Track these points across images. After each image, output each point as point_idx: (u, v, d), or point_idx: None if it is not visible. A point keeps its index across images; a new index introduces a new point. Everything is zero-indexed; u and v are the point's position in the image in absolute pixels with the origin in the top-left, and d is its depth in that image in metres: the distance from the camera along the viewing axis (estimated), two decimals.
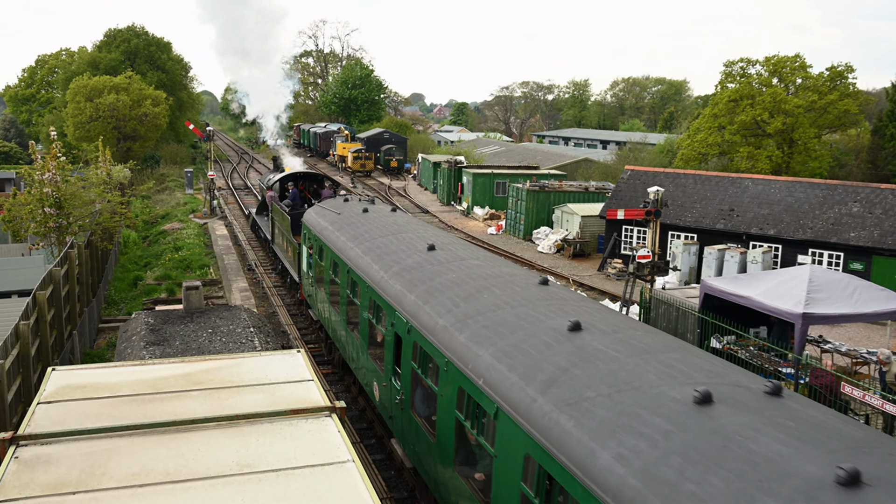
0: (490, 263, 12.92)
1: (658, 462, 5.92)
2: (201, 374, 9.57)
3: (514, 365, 8.50)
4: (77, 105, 65.26)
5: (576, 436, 6.83)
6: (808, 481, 5.21)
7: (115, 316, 26.04)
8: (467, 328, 9.95)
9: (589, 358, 8.01)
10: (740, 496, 5.24)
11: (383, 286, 13.26)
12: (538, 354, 8.46)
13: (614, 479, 6.10)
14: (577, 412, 7.08)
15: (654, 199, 23.68)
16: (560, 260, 37.69)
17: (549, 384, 7.76)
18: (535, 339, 8.86)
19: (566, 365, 7.98)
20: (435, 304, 11.21)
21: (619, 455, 6.24)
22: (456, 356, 9.71)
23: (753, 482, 5.34)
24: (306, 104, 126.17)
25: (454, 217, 49.90)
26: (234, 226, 43.06)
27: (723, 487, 5.39)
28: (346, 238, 16.87)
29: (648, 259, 23.24)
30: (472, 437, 9.44)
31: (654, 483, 5.75)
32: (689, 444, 5.98)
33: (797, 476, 5.31)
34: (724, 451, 5.79)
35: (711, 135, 50.77)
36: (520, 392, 8.00)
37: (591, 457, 6.49)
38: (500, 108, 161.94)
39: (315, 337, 23.10)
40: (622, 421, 6.62)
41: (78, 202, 25.22)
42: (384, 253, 14.60)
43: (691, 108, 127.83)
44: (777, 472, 5.40)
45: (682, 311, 19.47)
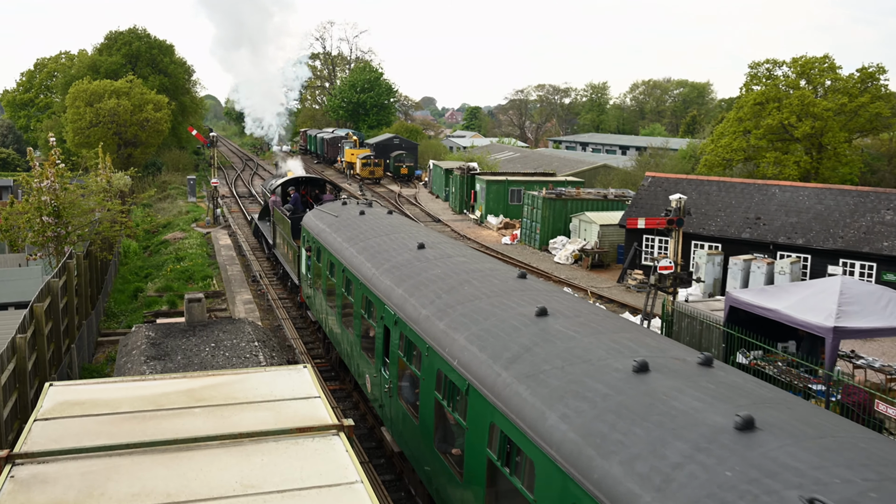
0: (474, 260, 14.33)
1: (594, 419, 7.29)
2: (204, 390, 9.58)
3: (484, 346, 9.85)
4: (77, 110, 65.81)
5: (530, 402, 8.19)
6: (712, 428, 6.54)
7: (114, 329, 26.15)
8: (447, 316, 11.28)
9: (550, 338, 9.36)
10: (656, 441, 6.60)
11: (374, 282, 14.65)
12: (506, 336, 9.79)
13: (558, 434, 7.47)
14: (533, 382, 8.44)
15: (676, 207, 23.61)
16: (578, 271, 37.61)
17: (512, 361, 9.14)
18: (505, 324, 10.19)
19: (529, 344, 9.33)
20: (420, 296, 12.55)
21: (564, 415, 7.60)
22: (435, 342, 11.04)
23: (668, 430, 6.68)
24: (313, 108, 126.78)
25: (467, 226, 49.92)
26: (237, 235, 43.23)
27: (643, 435, 6.75)
28: (342, 239, 18.28)
29: (670, 270, 23.15)
30: (450, 417, 10.72)
31: (589, 435, 7.13)
32: (622, 403, 7.35)
33: (704, 424, 6.63)
34: (650, 407, 7.13)
35: (736, 139, 50.62)
36: (487, 369, 9.38)
37: (541, 418, 7.86)
38: (515, 112, 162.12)
39: (322, 352, 23.13)
40: (570, 388, 7.96)
41: (77, 211, 25.39)
42: (377, 252, 15.97)
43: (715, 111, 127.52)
44: (689, 421, 6.73)
45: (707, 325, 19.37)
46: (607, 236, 39.25)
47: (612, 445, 6.86)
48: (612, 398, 7.50)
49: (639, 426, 6.93)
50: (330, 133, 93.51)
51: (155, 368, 17.18)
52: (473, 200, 53.90)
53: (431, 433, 11.48)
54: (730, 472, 5.93)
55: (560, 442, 7.42)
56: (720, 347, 18.49)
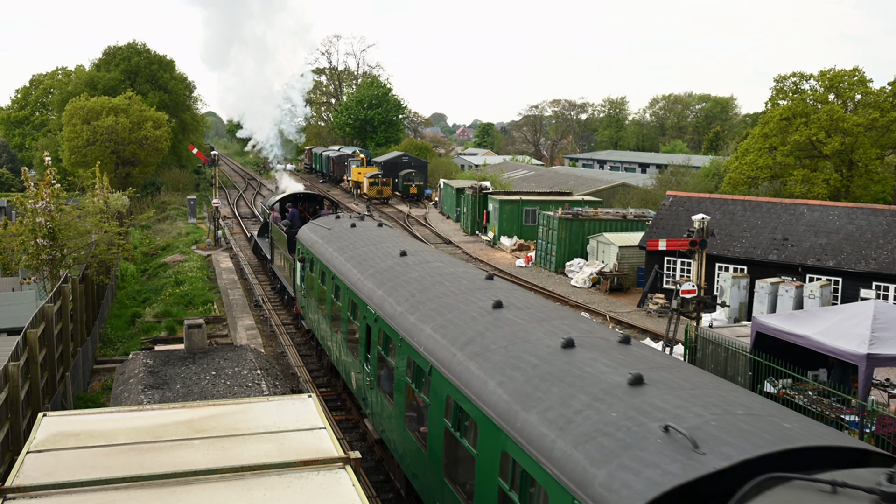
0: (449, 265, 16.70)
1: (524, 384, 9.52)
2: (204, 420, 9.59)
3: (445, 334, 12.06)
4: (73, 128, 66.41)
5: (476, 374, 10.45)
6: (611, 384, 8.76)
7: (111, 356, 26.22)
8: (417, 311, 13.54)
9: (500, 325, 11.62)
10: (565, 396, 8.83)
11: (359, 286, 16.91)
12: (464, 325, 12.05)
13: (495, 397, 9.72)
14: (480, 359, 10.72)
15: (699, 228, 23.57)
16: (596, 295, 37.53)
17: (466, 344, 11.38)
18: (465, 315, 12.49)
19: (482, 330, 11.62)
20: (397, 296, 14.82)
21: (501, 382, 9.87)
22: (407, 333, 13.25)
23: (577, 388, 8.93)
24: (319, 126, 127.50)
25: (479, 248, 49.94)
26: (239, 258, 43.38)
27: (557, 392, 8.99)
28: (333, 249, 20.66)
29: (693, 294, 23.07)
30: (418, 398, 12.80)
31: (517, 396, 9.35)
32: (547, 371, 9.57)
33: (605, 382, 8.84)
34: (567, 373, 9.36)
35: (762, 156, 50.57)
36: (446, 351, 11.59)
37: (483, 386, 10.10)
38: (529, 128, 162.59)
39: (328, 380, 23.12)
40: (508, 361, 10.23)
41: (73, 233, 25.54)
42: (363, 259, 18.30)
43: (739, 127, 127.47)
44: (595, 381, 8.95)
45: (732, 352, 19.27)
46: (627, 258, 39.17)
47: (533, 402, 9.06)
48: (540, 367, 9.76)
49: (555, 386, 9.15)
50: (336, 151, 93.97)
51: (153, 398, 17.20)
52: (486, 221, 53.95)
53: (403, 416, 13.56)
54: (615, 414, 8.10)
55: (496, 403, 9.65)
56: (747, 375, 18.38)
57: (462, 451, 10.94)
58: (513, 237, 50.02)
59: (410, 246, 19.15)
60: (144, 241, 49.69)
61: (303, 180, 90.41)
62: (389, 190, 72.89)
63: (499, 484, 9.46)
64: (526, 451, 8.62)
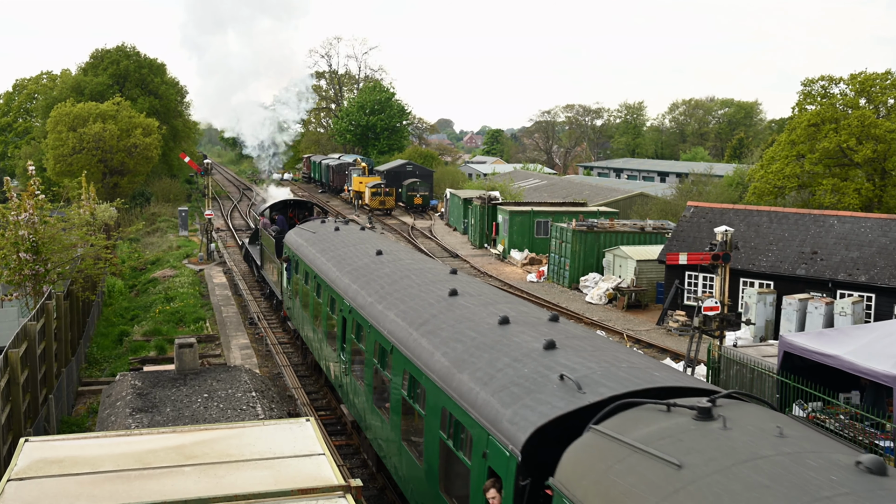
0: (419, 262, 19.59)
1: (462, 352, 12.06)
2: (196, 446, 9.59)
3: (406, 317, 14.61)
4: (58, 135, 66.71)
5: (426, 348, 12.96)
6: (530, 349, 11.32)
7: (97, 377, 26.24)
8: (384, 301, 16.14)
9: (452, 309, 14.23)
10: (492, 359, 11.34)
11: (337, 283, 19.53)
12: (423, 310, 14.58)
13: (439, 365, 12.22)
14: (432, 336, 13.20)
15: (722, 241, 23.55)
16: (612, 312, 37.48)
17: (421, 325, 13.89)
18: (425, 302, 15.01)
19: (436, 313, 14.13)
20: (369, 289, 17.40)
21: (445, 353, 12.40)
22: (375, 320, 15.80)
23: (502, 353, 11.45)
24: (318, 132, 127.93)
25: (488, 262, 49.95)
26: (234, 272, 43.45)
27: (487, 357, 11.52)
28: (316, 251, 23.26)
29: (716, 311, 23.03)
30: (384, 376, 15.08)
31: (456, 362, 11.88)
32: (482, 342, 12.14)
33: (527, 347, 11.43)
34: (498, 343, 11.88)
35: (789, 165, 50.53)
36: (405, 332, 14.10)
37: (431, 357, 12.64)
38: (541, 135, 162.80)
39: (327, 403, 23.11)
40: (453, 336, 12.85)
41: (57, 246, 25.63)
42: (342, 259, 21.00)
43: (764, 133, 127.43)
44: (519, 348, 11.47)
45: (758, 373, 19.22)
46: (645, 273, 39.13)
47: (467, 365, 11.62)
48: (477, 339, 12.33)
49: (486, 353, 11.69)
50: (336, 159, 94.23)
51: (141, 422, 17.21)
52: (495, 233, 53.98)
53: (372, 394, 16.06)
54: (527, 370, 10.63)
55: (439, 369, 12.17)
56: (774, 398, 18.31)
57: (416, 416, 13.36)
58: (524, 250, 50.02)
59: (387, 246, 22.07)
60: (133, 255, 49.83)
61: (301, 190, 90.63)
62: (393, 200, 73.02)
63: (440, 437, 11.89)
64: (458, 404, 11.13)
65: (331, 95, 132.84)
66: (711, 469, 7.19)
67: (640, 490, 7.30)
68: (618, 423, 8.49)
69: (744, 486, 6.78)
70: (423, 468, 12.73)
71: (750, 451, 7.42)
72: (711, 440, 7.72)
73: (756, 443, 7.61)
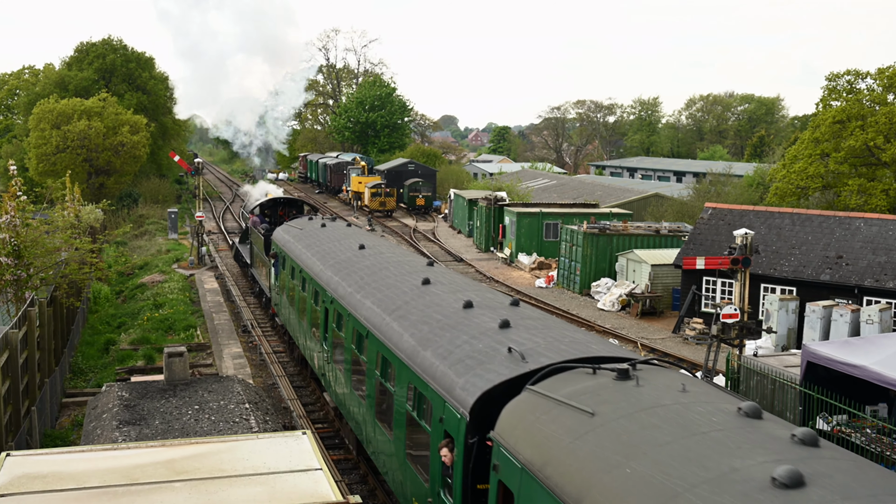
0: (398, 255, 21.76)
1: (428, 333, 13.87)
2: (186, 461, 9.61)
3: (381, 304, 16.57)
4: (41, 133, 66.87)
5: (397, 330, 14.87)
6: (487, 328, 13.15)
7: (82, 388, 26.29)
8: (363, 290, 18.14)
9: (424, 296, 16.14)
10: (453, 338, 13.13)
11: (321, 276, 21.51)
12: (396, 297, 16.59)
13: (406, 344, 14.09)
14: (403, 320, 15.11)
15: (741, 245, 23.54)
16: (625, 319, 37.47)
17: (394, 310, 15.83)
18: (399, 290, 17.03)
19: (409, 300, 16.09)
20: (350, 280, 19.37)
21: (412, 333, 14.23)
22: (353, 308, 17.74)
23: (462, 332, 13.30)
24: (315, 129, 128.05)
25: (494, 266, 49.98)
26: (226, 277, 43.52)
27: (448, 336, 13.32)
28: (302, 247, 25.30)
29: (736, 319, 23.01)
30: (360, 360, 17.04)
31: (422, 341, 13.70)
32: (446, 324, 13.98)
33: (484, 327, 13.25)
34: (459, 324, 13.75)
35: (812, 164, 50.49)
36: (379, 318, 16.03)
37: (400, 338, 14.54)
38: (551, 132, 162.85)
39: (324, 415, 23.13)
40: (422, 319, 14.72)
41: (40, 250, 25.68)
42: (327, 253, 22.96)
43: (787, 131, 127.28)
44: (477, 327, 13.32)
45: (780, 384, 19.20)
46: (660, 278, 39.11)
47: (431, 344, 13.43)
48: (442, 321, 14.21)
49: (449, 332, 13.57)
50: (334, 158, 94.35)
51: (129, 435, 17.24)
52: (502, 236, 54.00)
53: (351, 379, 18.08)
54: (481, 345, 12.53)
55: (406, 348, 14.03)
56: (796, 411, 18.30)
57: (387, 394, 15.17)
58: (532, 254, 50.03)
59: (370, 241, 24.18)
60: (120, 260, 49.92)
61: (297, 191, 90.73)
62: (394, 201, 73.08)
63: (407, 409, 13.80)
64: (421, 378, 12.94)
65: (328, 91, 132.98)
66: (618, 415, 9.16)
67: (559, 434, 9.27)
68: (550, 384, 10.40)
69: (640, 426, 8.79)
70: (392, 440, 14.70)
71: (652, 402, 9.39)
72: (623, 394, 9.69)
73: (660, 396, 9.60)
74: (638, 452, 8.29)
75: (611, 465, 8.30)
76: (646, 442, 8.45)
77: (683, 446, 8.19)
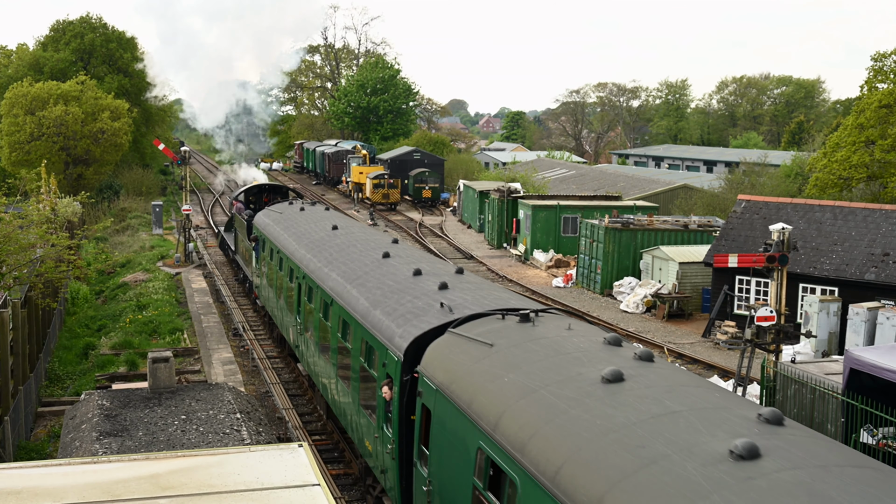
0: (368, 234, 25.79)
1: (380, 296, 17.54)
2: (172, 475, 9.64)
3: (344, 275, 20.14)
4: (14, 119, 67.06)
5: (356, 296, 18.37)
6: (429, 290, 16.92)
7: (59, 397, 26.37)
8: (331, 265, 21.76)
9: (381, 267, 19.85)
10: (401, 299, 16.91)
11: (295, 255, 25.14)
12: (358, 269, 20.16)
13: (361, 306, 17.72)
14: (361, 287, 18.63)
15: (778, 240, 23.49)
16: (651, 322, 37.44)
17: (355, 279, 19.43)
18: (360, 263, 20.80)
19: (368, 270, 19.81)
20: (320, 257, 23.02)
21: (367, 297, 17.87)
22: (321, 281, 21.34)
23: (410, 294, 17.04)
24: (311, 115, 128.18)
25: (507, 264, 49.98)
26: (215, 276, 43.61)
27: (397, 298, 17.05)
28: (280, 229, 29.01)
29: (772, 322, 22.96)
30: (326, 325, 20.67)
31: (374, 303, 17.38)
32: (396, 288, 17.63)
33: (427, 289, 17.01)
34: (408, 288, 17.39)
35: (856, 152, 50.34)
36: (342, 287, 19.52)
37: (357, 301, 18.11)
38: (569, 118, 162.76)
39: (322, 426, 23.17)
40: (377, 286, 18.20)
41: (13, 247, 25.78)
42: (302, 234, 26.83)
43: (828, 116, 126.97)
44: (421, 290, 17.08)
45: (820, 393, 19.16)
46: (689, 277, 39.06)
47: (381, 305, 16.91)
48: (394, 287, 17.76)
49: (397, 294, 17.08)
50: (333, 146, 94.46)
51: (110, 447, 17.29)
52: (516, 231, 53.99)
53: (319, 345, 21.52)
54: (420, 303, 16.08)
55: (361, 309, 17.60)
56: (838, 422, 18.26)
57: (347, 352, 18.59)
58: (548, 251, 50.02)
59: (343, 223, 28.16)
60: (100, 257, 50.04)
61: (292, 182, 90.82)
62: (398, 193, 73.11)
63: (360, 362, 17.31)
64: (371, 333, 16.38)
65: (326, 73, 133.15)
66: (510, 345, 12.95)
67: (464, 360, 12.97)
68: (466, 327, 14.19)
69: (524, 352, 12.54)
70: (350, 391, 18.20)
71: (540, 336, 13.15)
72: (520, 332, 13.48)
73: (548, 333, 13.33)
74: (517, 368, 12.03)
75: (496, 377, 12.03)
76: (525, 361, 12.18)
77: (551, 363, 11.93)
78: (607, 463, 9.08)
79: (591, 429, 9.76)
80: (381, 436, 15.52)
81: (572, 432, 9.87)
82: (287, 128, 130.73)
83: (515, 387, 11.39)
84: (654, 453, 8.91)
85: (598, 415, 9.98)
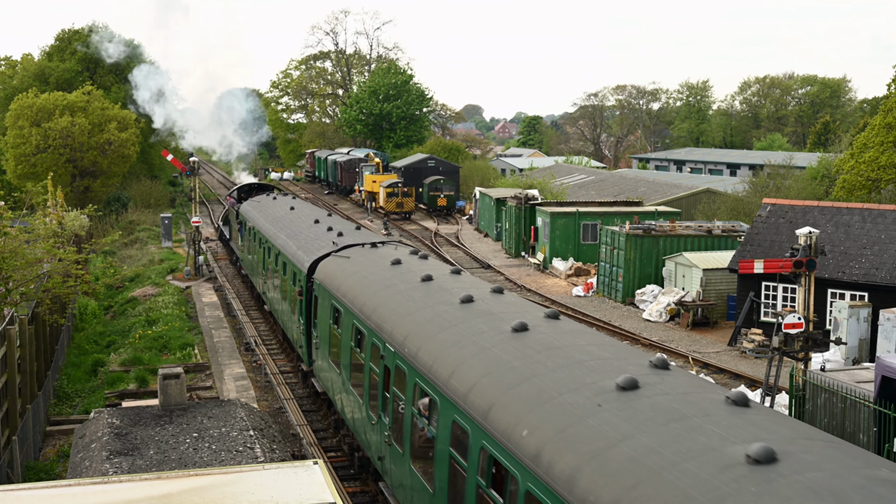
0: (314, 213, 36.11)
1: (303, 241, 28.72)
2: (184, 495, 9.65)
3: (288, 235, 30.84)
4: (20, 131, 67.42)
5: (286, 242, 30.13)
6: (326, 233, 28.91)
7: (68, 415, 26.44)
8: (283, 231, 31.71)
9: (310, 228, 30.94)
10: (308, 237, 29.16)
11: (263, 228, 35.01)
12: (296, 229, 31.47)
13: (288, 246, 29.42)
14: (291, 238, 29.99)
15: (805, 245, 23.40)
16: (675, 331, 37.33)
17: (291, 235, 30.74)
18: (298, 227, 31.89)
19: (301, 230, 30.96)
20: (277, 227, 33.03)
21: (292, 241, 29.56)
22: (274, 241, 31.69)
23: (314, 236, 28.95)
24: (323, 123, 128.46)
25: (525, 273, 49.93)
26: (226, 289, 43.72)
27: (304, 236, 29.63)
28: (256, 213, 39.29)
29: (800, 329, 22.86)
30: (277, 272, 31.22)
31: (295, 243, 29.06)
32: (309, 234, 29.57)
33: (323, 232, 29.17)
34: (315, 233, 29.40)
35: (885, 153, 50.13)
36: (283, 241, 30.83)
37: (286, 244, 29.94)
38: (587, 122, 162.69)
39: (337, 442, 23.17)
40: (297, 234, 30.35)
41: (20, 262, 25.87)
42: (269, 215, 36.94)
43: (855, 116, 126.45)
44: (322, 233, 29.00)
45: (851, 402, 19.06)
46: (713, 284, 38.94)
47: (303, 247, 27.50)
48: (306, 232, 30.07)
49: (305, 235, 29.41)
50: (345, 154, 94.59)
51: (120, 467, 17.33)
52: (534, 239, 53.94)
53: (276, 288, 31.29)
54: (321, 242, 27.12)
55: (286, 248, 29.28)
56: (871, 432, 18.15)
57: (283, 279, 28.77)
58: (568, 259, 49.95)
59: (300, 206, 39.48)
60: (108, 271, 50.19)
61: (304, 192, 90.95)
62: (412, 202, 73.15)
63: (289, 283, 27.59)
64: (291, 260, 27.83)
65: (338, 79, 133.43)
66: (360, 258, 22.46)
67: (333, 269, 22.52)
68: (343, 252, 23.53)
69: (368, 261, 21.91)
70: (286, 302, 28.35)
71: (379, 255, 22.61)
72: (368, 253, 23.31)
73: (386, 253, 22.88)
74: (360, 268, 21.11)
75: (347, 273, 21.22)
76: (365, 266, 21.19)
77: (377, 266, 20.85)
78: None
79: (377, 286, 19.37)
80: (297, 321, 26.34)
81: (369, 287, 19.55)
82: (298, 136, 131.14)
83: (353, 274, 21.14)
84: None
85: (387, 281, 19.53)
